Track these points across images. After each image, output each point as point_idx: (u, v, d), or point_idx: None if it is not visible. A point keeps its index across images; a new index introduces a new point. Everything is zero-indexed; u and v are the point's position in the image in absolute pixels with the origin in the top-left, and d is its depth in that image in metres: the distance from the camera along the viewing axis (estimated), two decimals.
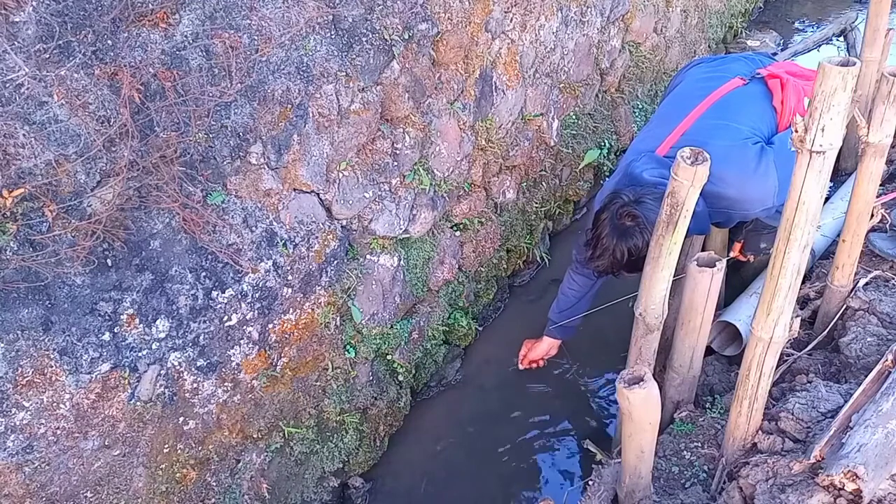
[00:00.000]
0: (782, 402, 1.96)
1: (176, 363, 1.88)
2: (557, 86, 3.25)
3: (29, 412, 1.60)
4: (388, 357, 2.61)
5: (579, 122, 3.47)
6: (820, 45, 5.09)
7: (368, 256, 2.42)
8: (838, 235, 2.24)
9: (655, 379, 1.64)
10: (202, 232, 1.84)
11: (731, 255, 2.40)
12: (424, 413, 2.86)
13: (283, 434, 2.26)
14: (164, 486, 1.94)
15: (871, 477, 1.53)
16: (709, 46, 4.74)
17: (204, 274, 1.89)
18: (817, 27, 5.36)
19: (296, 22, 1.94)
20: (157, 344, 1.82)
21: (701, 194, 1.96)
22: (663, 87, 4.10)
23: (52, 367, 1.61)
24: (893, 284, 2.30)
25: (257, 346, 2.08)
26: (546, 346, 2.72)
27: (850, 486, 1.55)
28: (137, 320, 1.76)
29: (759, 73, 2.26)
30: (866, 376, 1.82)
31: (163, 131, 1.68)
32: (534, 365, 2.79)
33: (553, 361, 2.93)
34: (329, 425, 2.44)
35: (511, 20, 2.78)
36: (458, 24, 2.47)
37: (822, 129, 1.35)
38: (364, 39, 2.14)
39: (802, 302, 2.49)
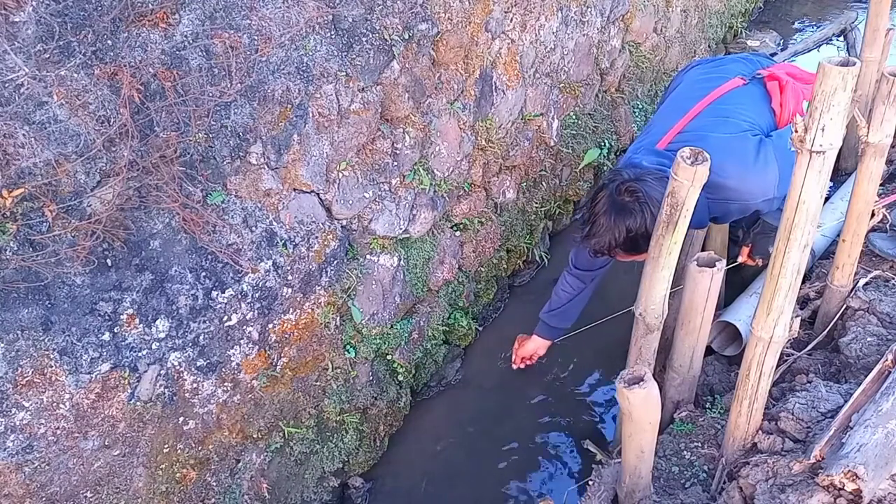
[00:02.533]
0: (782, 402, 1.96)
1: (176, 363, 1.88)
2: (557, 86, 3.25)
3: (29, 412, 1.60)
4: (388, 357, 2.61)
5: (579, 122, 3.47)
6: (820, 45, 5.09)
7: (368, 256, 2.42)
8: (838, 235, 2.24)
9: (655, 379, 1.64)
10: (202, 232, 1.84)
11: (740, 259, 2.39)
12: (424, 413, 2.86)
13: (283, 434, 2.26)
14: (164, 486, 1.94)
15: (871, 477, 1.53)
16: (709, 46, 4.74)
17: (204, 274, 1.89)
18: (817, 27, 5.36)
19: (296, 22, 1.94)
20: (157, 344, 1.82)
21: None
22: (663, 87, 4.10)
23: (52, 367, 1.61)
24: (893, 284, 2.30)
25: (257, 346, 2.08)
26: (534, 346, 2.71)
27: (850, 486, 1.55)
28: (137, 320, 1.76)
29: (759, 74, 2.26)
30: (866, 376, 1.82)
31: (163, 131, 1.68)
32: (524, 363, 2.78)
33: (551, 362, 2.93)
34: (329, 425, 2.44)
35: (511, 20, 2.78)
36: (458, 24, 2.47)
37: (822, 129, 1.35)
38: (364, 39, 2.14)
39: (802, 302, 2.49)
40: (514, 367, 2.81)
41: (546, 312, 2.62)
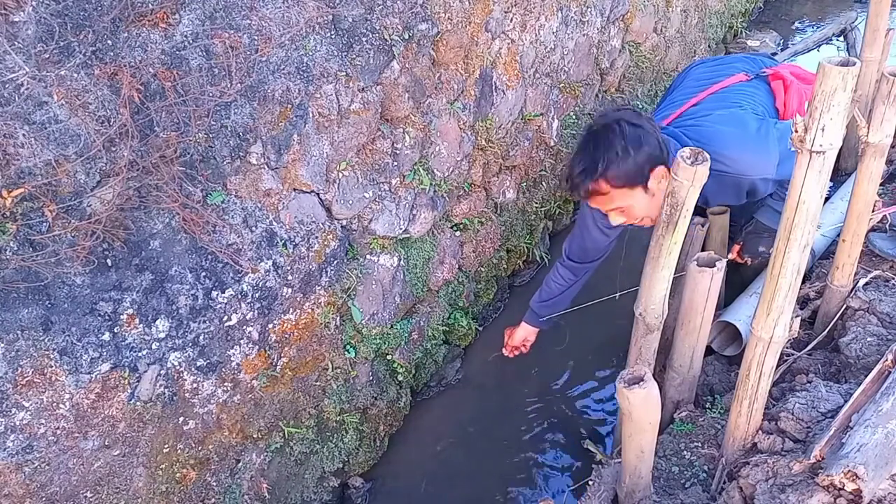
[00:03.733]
0: (782, 402, 1.95)
1: (176, 363, 1.88)
2: (557, 86, 3.25)
3: (29, 412, 1.60)
4: (388, 357, 2.61)
5: (579, 122, 3.47)
6: (820, 45, 5.10)
7: (368, 256, 2.42)
8: (838, 235, 2.24)
9: (655, 379, 1.64)
10: (202, 232, 1.84)
11: (730, 256, 2.40)
12: (424, 413, 2.86)
13: (283, 434, 2.26)
14: (164, 486, 1.94)
15: (871, 477, 1.53)
16: (709, 46, 4.74)
17: (204, 274, 1.89)
18: (817, 27, 5.36)
19: (296, 22, 1.94)
20: (157, 344, 1.82)
21: None
22: (663, 88, 4.11)
23: (52, 367, 1.61)
24: (893, 284, 2.30)
25: (257, 346, 2.08)
26: (523, 333, 2.68)
27: (850, 486, 1.55)
28: (137, 320, 1.76)
29: (763, 72, 2.26)
30: (866, 376, 1.82)
31: (163, 131, 1.68)
32: (516, 352, 2.76)
33: (551, 361, 2.93)
34: (329, 425, 2.44)
35: (511, 20, 2.78)
36: (458, 24, 2.47)
37: (822, 129, 1.35)
38: (364, 39, 2.14)
39: (802, 302, 2.49)
40: (508, 355, 2.76)
41: (537, 302, 2.60)
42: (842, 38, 5.19)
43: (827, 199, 2.40)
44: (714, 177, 2.04)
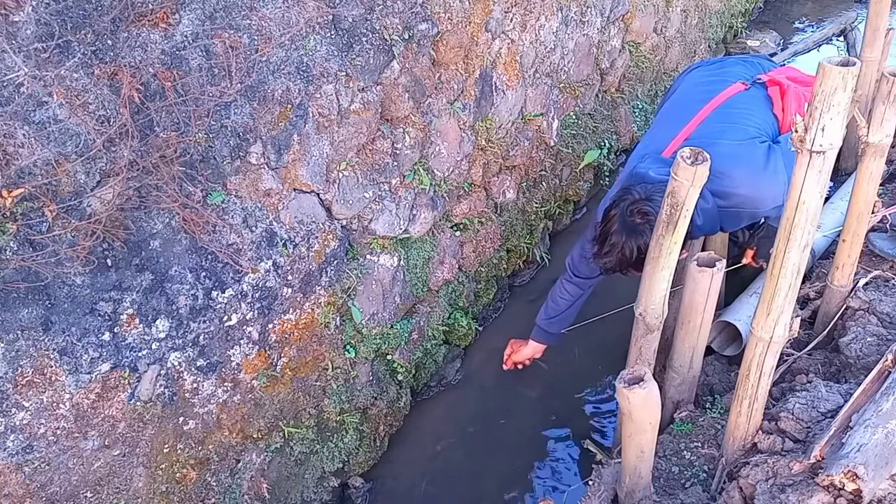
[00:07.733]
0: (782, 402, 1.96)
1: (176, 363, 1.88)
2: (557, 86, 3.25)
3: (29, 412, 1.60)
4: (388, 357, 2.61)
5: (579, 122, 3.47)
6: (820, 45, 5.10)
7: (368, 256, 2.42)
8: (838, 235, 2.24)
9: (655, 379, 1.64)
10: (202, 232, 1.84)
11: (744, 261, 2.40)
12: (424, 413, 2.86)
13: (283, 434, 2.26)
14: (164, 486, 1.94)
15: (871, 477, 1.53)
16: (709, 46, 4.74)
17: (204, 274, 1.89)
18: (817, 27, 5.36)
19: (296, 22, 1.94)
20: (157, 344, 1.82)
21: (712, 193, 1.94)
22: (663, 88, 4.11)
23: (52, 367, 1.61)
24: (893, 284, 2.30)
25: (257, 346, 2.08)
26: (530, 351, 2.73)
27: (850, 486, 1.55)
28: (137, 320, 1.76)
29: (760, 79, 2.25)
30: (866, 376, 1.82)
31: (163, 131, 1.68)
32: (518, 366, 2.79)
33: (551, 362, 2.93)
34: (329, 425, 2.44)
35: (511, 20, 2.78)
36: (458, 24, 2.47)
37: (822, 129, 1.35)
38: (364, 39, 2.14)
39: (802, 302, 2.49)
40: (505, 367, 2.83)
41: (544, 319, 2.62)
42: (842, 38, 5.19)
43: (827, 199, 2.40)
44: (731, 213, 2.07)
